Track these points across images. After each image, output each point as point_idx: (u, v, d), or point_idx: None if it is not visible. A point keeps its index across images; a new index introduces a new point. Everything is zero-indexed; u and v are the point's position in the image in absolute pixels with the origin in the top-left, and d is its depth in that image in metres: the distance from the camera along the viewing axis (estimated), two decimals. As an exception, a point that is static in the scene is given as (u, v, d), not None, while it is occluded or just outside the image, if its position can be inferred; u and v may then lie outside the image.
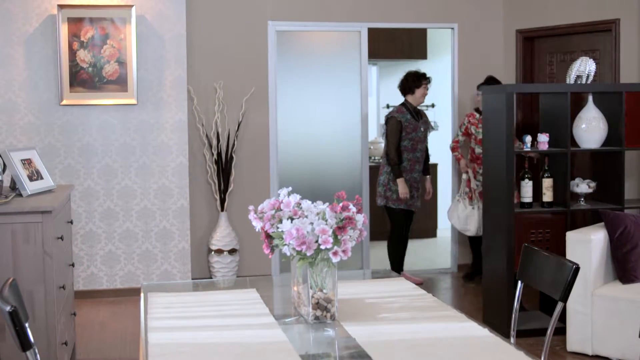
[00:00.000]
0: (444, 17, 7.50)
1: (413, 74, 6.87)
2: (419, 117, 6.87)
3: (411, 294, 3.13)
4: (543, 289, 3.26)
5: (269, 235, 2.70)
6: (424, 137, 6.88)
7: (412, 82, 6.80)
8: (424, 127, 6.89)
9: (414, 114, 6.81)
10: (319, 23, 7.26)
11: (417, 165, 6.81)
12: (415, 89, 6.79)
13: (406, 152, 6.74)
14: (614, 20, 6.62)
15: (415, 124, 6.76)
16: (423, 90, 6.82)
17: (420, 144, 6.81)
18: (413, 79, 6.81)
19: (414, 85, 6.79)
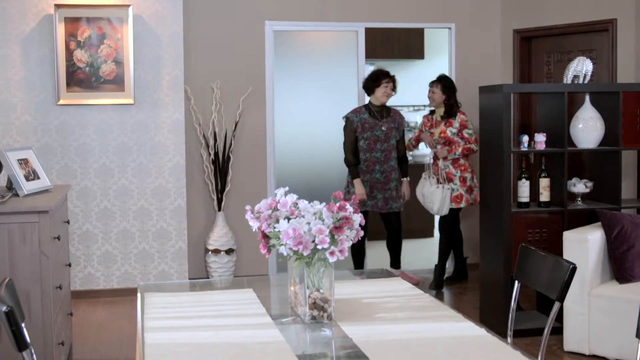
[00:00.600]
0: (441, 17, 7.50)
1: (372, 73, 6.69)
2: (384, 116, 6.62)
3: (408, 293, 3.13)
4: (540, 289, 3.26)
5: (266, 235, 2.69)
6: (386, 136, 6.56)
7: (371, 81, 6.63)
8: (388, 126, 6.59)
9: (376, 113, 6.60)
10: (316, 23, 7.26)
11: (377, 166, 6.55)
12: (375, 89, 6.59)
13: (362, 152, 6.54)
14: (611, 20, 6.63)
15: (373, 123, 6.55)
16: (383, 90, 6.58)
17: (380, 143, 6.53)
18: (372, 79, 6.63)
19: (373, 85, 6.60)
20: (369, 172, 6.55)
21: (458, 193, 6.67)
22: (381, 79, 6.58)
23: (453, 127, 6.73)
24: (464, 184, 6.69)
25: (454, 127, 6.73)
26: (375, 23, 7.40)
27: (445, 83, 6.83)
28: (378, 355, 2.36)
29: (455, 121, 6.74)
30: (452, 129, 6.73)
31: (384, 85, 6.57)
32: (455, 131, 6.71)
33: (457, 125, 6.72)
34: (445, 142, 6.74)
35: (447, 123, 6.77)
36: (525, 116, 7.31)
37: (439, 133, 6.77)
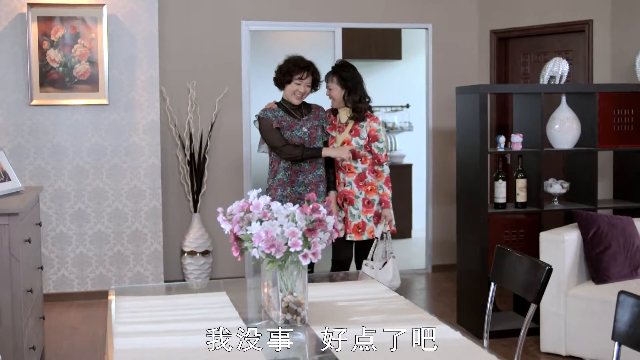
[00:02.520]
0: (418, 17, 7.48)
1: (285, 64, 5.17)
2: (303, 114, 5.19)
3: (383, 296, 3.09)
4: (516, 291, 3.24)
5: (238, 237, 2.65)
6: (311, 138, 5.11)
7: (281, 75, 5.16)
8: (311, 125, 5.15)
9: (292, 112, 5.16)
10: (293, 23, 7.22)
11: (300, 176, 5.09)
12: (285, 85, 5.15)
13: (283, 160, 5.10)
14: (587, 21, 6.64)
15: (292, 122, 5.10)
16: (295, 87, 5.10)
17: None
18: (283, 71, 5.15)
19: (283, 79, 5.14)
20: (290, 185, 5.08)
21: (359, 221, 5.13)
22: (294, 73, 5.08)
23: (360, 137, 5.19)
24: (368, 210, 5.17)
25: (361, 137, 5.19)
26: (352, 23, 7.37)
27: (343, 74, 5.28)
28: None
29: (363, 129, 5.21)
30: (358, 139, 5.19)
31: (296, 83, 5.08)
32: (363, 142, 5.19)
33: (364, 136, 5.19)
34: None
35: (353, 130, 5.23)
36: (502, 117, 7.31)
37: (341, 142, 5.23)
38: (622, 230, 4.96)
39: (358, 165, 5.20)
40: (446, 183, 7.28)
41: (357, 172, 5.19)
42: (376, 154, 5.22)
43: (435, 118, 7.46)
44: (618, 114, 5.58)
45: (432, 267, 7.55)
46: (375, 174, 5.22)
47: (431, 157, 7.48)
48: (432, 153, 7.49)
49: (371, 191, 5.19)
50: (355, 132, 5.20)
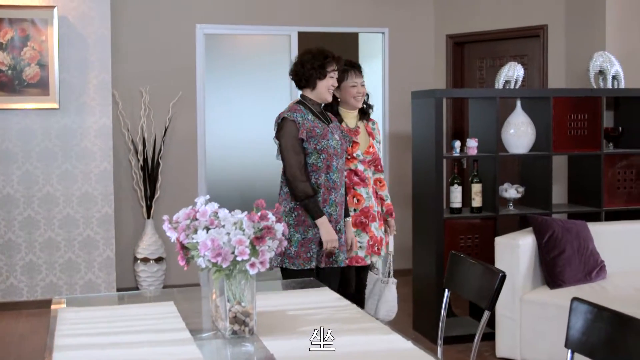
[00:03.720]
0: (375, 21, 7.45)
1: (316, 55, 4.14)
2: (328, 119, 4.22)
3: (335, 304, 3.03)
4: (470, 297, 3.21)
5: (185, 246, 2.57)
6: (342, 149, 4.20)
7: (312, 69, 4.08)
8: (339, 134, 4.24)
9: (320, 115, 4.17)
10: (249, 26, 7.14)
11: (333, 194, 4.14)
12: (318, 81, 4.10)
13: (315, 173, 4.11)
14: (542, 26, 6.67)
15: (323, 128, 4.11)
16: (330, 82, 4.14)
17: (336, 159, 4.13)
18: (316, 65, 4.09)
19: (316, 73, 4.09)
20: (322, 204, 4.12)
21: (379, 238, 4.62)
22: (328, 65, 4.12)
23: (376, 141, 4.65)
24: (381, 222, 4.70)
25: (377, 140, 4.66)
26: (308, 27, 7.31)
27: (360, 68, 4.76)
28: (300, 372, 2.26)
29: (376, 131, 4.68)
30: (376, 143, 4.63)
31: (331, 76, 4.14)
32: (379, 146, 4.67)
33: (379, 138, 4.72)
34: (371, 163, 4.59)
35: (370, 134, 4.62)
36: (459, 121, 7.31)
37: (367, 147, 4.54)
38: (576, 234, 4.96)
39: (371, 175, 4.61)
40: (402, 188, 7.24)
41: (371, 183, 4.60)
42: (380, 159, 4.68)
43: (392, 123, 7.43)
44: (572, 119, 5.60)
45: (389, 272, 7.49)
46: (380, 182, 4.69)
47: (387, 161, 7.44)
48: (389, 158, 7.45)
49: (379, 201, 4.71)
50: (371, 135, 4.61)
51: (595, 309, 2.48)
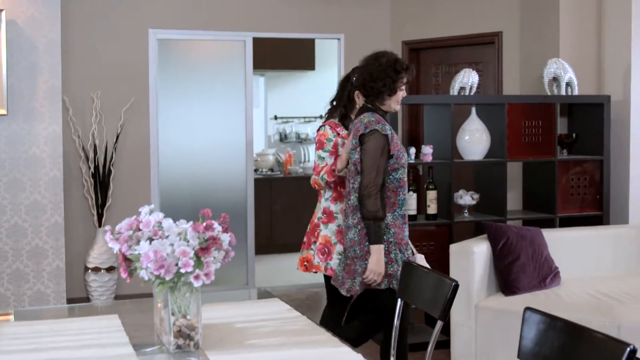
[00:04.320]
0: (331, 27, 7.41)
1: (392, 61, 3.90)
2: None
3: (285, 316, 2.96)
4: (423, 307, 3.16)
5: (127, 257, 2.48)
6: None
7: (387, 76, 3.86)
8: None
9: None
10: (203, 32, 7.05)
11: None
12: (387, 97, 3.92)
13: (402, 188, 3.92)
14: (497, 33, 6.68)
15: (398, 144, 3.93)
16: (402, 94, 3.98)
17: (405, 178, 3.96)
18: (391, 72, 3.86)
19: (392, 83, 3.87)
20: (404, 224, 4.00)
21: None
22: (403, 76, 3.91)
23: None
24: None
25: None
26: (263, 33, 7.24)
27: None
28: (246, 387, 2.18)
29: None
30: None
31: (401, 89, 3.95)
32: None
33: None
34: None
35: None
36: (414, 128, 7.29)
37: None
38: (530, 241, 4.95)
39: None
40: (359, 195, 7.21)
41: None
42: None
43: (348, 129, 7.38)
44: (526, 125, 5.60)
45: (345, 279, 7.44)
46: None
47: (344, 168, 7.40)
48: (345, 164, 7.40)
49: None
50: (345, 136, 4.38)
51: (547, 318, 2.45)
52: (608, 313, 4.38)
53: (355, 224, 3.84)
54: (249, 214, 7.10)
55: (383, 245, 3.80)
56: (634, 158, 5.73)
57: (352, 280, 3.88)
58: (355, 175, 3.85)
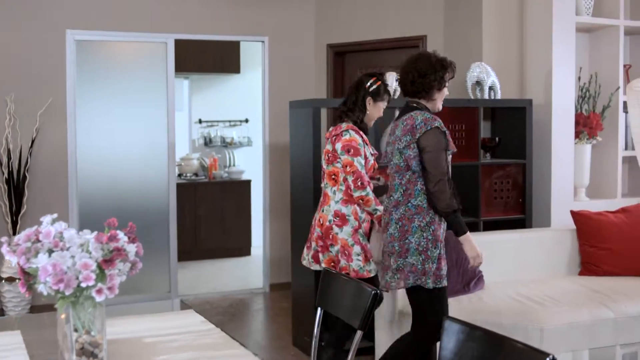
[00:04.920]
0: (254, 30, 7.29)
1: (441, 60, 3.98)
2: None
3: (198, 329, 2.83)
4: (342, 316, 3.07)
5: (26, 271, 2.32)
6: None
7: (438, 73, 3.92)
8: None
9: None
10: (123, 33, 6.85)
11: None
12: (437, 92, 3.96)
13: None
14: (421, 36, 6.67)
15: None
16: (445, 93, 4.03)
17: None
18: (440, 70, 3.92)
19: (442, 80, 3.94)
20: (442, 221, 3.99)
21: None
22: (447, 76, 3.98)
23: None
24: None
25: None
26: (185, 35, 7.08)
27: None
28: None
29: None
30: None
31: (446, 86, 4.02)
32: None
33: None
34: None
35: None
36: (340, 132, 7.22)
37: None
38: (454, 245, 4.91)
39: None
40: (283, 199, 7.10)
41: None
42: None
43: (272, 133, 7.28)
44: (450, 129, 5.57)
45: (269, 286, 7.34)
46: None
47: (268, 172, 7.29)
48: (269, 168, 7.30)
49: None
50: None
51: (467, 328, 2.39)
52: (531, 316, 4.38)
53: (397, 220, 3.87)
54: (171, 220, 6.92)
55: (468, 232, 3.86)
56: (555, 161, 5.78)
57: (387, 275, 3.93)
58: (403, 172, 3.88)
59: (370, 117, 4.51)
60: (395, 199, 3.91)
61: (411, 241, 3.83)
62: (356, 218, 4.37)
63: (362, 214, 4.39)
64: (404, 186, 3.88)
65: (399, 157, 3.89)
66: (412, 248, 3.83)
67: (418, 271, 3.82)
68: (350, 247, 4.35)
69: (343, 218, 4.37)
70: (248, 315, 6.57)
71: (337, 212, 4.38)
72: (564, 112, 5.81)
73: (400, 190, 3.90)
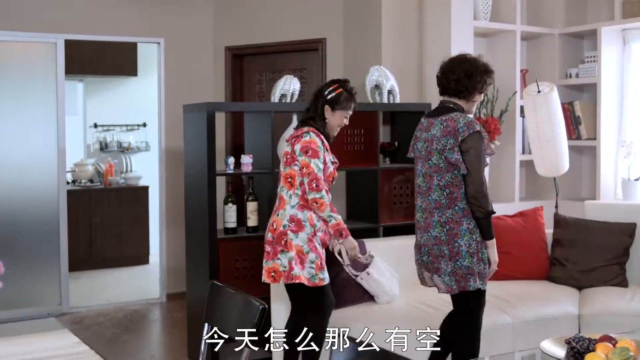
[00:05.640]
0: (150, 31, 7.05)
1: (484, 64, 4.01)
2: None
3: (70, 352, 2.61)
4: (230, 333, 2.91)
5: None
6: None
7: (482, 76, 3.97)
8: None
9: None
10: (8, 32, 6.49)
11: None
12: (477, 95, 4.02)
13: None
14: (321, 39, 6.57)
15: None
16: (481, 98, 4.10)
17: None
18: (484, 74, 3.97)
19: (479, 89, 3.99)
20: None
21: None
22: (492, 76, 4.05)
23: None
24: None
25: None
26: (76, 35, 6.78)
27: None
28: None
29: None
30: None
31: (484, 92, 4.11)
32: None
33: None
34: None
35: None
36: (239, 137, 7.04)
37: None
38: (353, 253, 4.82)
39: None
40: (180, 206, 6.84)
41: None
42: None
43: (169, 138, 7.04)
44: (349, 134, 5.49)
45: (166, 295, 7.09)
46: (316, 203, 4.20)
47: (164, 178, 7.06)
48: (165, 174, 7.07)
49: None
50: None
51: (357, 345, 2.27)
52: (429, 323, 4.30)
53: (444, 223, 3.87)
54: (61, 229, 6.59)
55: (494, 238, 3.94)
56: (454, 166, 5.75)
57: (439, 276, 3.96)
58: (443, 173, 3.87)
59: (331, 127, 4.33)
60: (435, 199, 3.92)
61: (461, 244, 3.85)
62: (312, 224, 4.19)
63: (318, 222, 4.18)
64: (446, 188, 3.88)
65: (439, 157, 3.88)
66: (463, 251, 3.85)
67: (474, 273, 3.86)
68: (305, 254, 4.15)
69: (299, 224, 4.16)
70: (143, 326, 6.33)
71: (293, 217, 4.17)
72: (462, 117, 5.79)
73: (438, 191, 3.90)
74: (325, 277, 4.21)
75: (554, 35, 6.29)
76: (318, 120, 4.29)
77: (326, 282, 4.21)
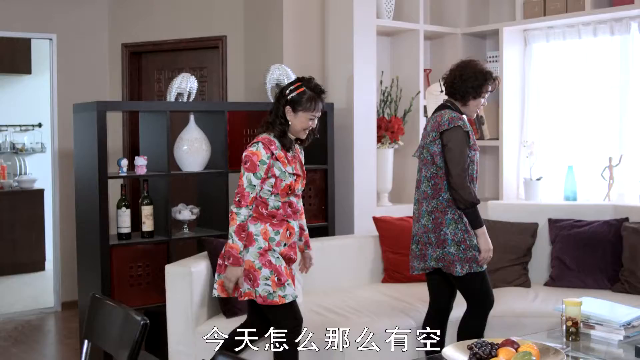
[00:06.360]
0: (42, 26, 6.70)
1: (483, 71, 4.16)
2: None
3: None
4: (110, 350, 2.70)
5: None
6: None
7: (478, 82, 4.12)
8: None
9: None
10: None
11: None
12: (471, 100, 4.15)
13: (472, 183, 4.11)
14: (221, 37, 6.40)
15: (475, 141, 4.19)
16: (481, 102, 4.21)
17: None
18: (479, 80, 4.12)
19: (478, 89, 4.13)
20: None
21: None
22: (485, 87, 4.16)
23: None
24: None
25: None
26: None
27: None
28: None
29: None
30: None
31: (483, 97, 4.20)
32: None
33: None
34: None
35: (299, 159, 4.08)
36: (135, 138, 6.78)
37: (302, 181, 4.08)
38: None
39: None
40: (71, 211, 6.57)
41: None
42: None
43: (62, 139, 6.70)
44: (249, 134, 5.32)
45: (61, 304, 6.76)
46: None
47: (57, 181, 6.73)
48: (59, 177, 6.74)
49: None
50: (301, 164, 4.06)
51: None
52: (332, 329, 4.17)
53: (430, 212, 4.08)
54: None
55: (484, 226, 4.08)
56: (357, 166, 5.65)
57: (424, 263, 4.17)
58: (429, 165, 4.09)
59: (295, 130, 3.90)
60: (423, 190, 4.14)
61: (446, 232, 4.03)
62: (265, 238, 3.83)
63: (276, 236, 3.84)
64: (431, 180, 4.09)
65: (426, 151, 4.11)
66: (449, 239, 4.03)
67: (462, 259, 4.01)
68: (257, 270, 3.82)
69: (250, 238, 3.84)
70: (35, 338, 6.00)
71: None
72: (365, 117, 5.70)
73: (426, 183, 4.13)
74: (287, 294, 3.85)
75: (456, 35, 6.26)
76: (277, 125, 3.89)
77: (289, 299, 3.86)
